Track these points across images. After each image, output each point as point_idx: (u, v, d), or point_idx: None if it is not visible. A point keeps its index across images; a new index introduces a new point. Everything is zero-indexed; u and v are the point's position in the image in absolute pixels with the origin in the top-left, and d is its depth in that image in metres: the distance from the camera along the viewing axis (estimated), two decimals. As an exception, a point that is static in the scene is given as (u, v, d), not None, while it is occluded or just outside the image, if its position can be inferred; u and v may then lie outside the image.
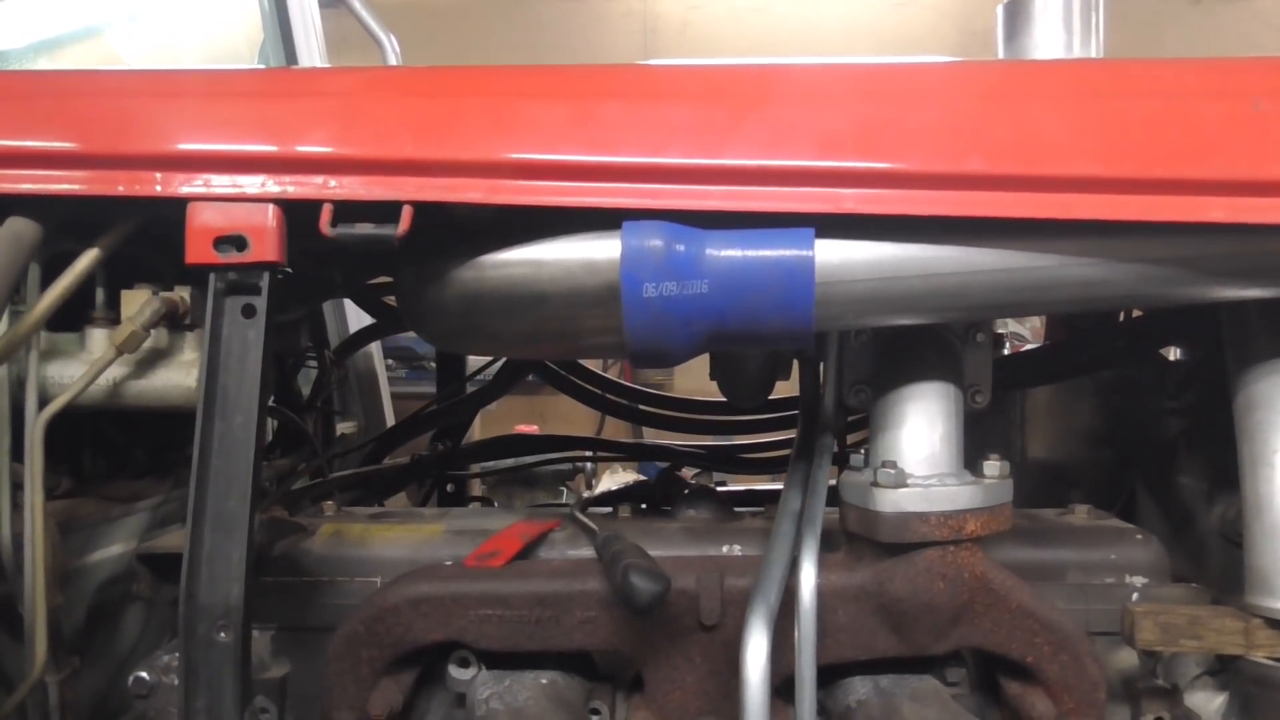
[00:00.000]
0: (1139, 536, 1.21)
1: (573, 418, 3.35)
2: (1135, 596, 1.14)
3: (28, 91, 1.05)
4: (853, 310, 0.96)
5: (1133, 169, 0.92)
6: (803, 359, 1.29)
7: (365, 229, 0.92)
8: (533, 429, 2.16)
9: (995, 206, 0.91)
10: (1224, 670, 1.09)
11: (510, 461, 1.92)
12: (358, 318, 2.24)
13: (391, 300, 1.71)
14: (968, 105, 0.95)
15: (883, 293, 0.95)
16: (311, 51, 2.40)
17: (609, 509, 1.35)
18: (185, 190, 0.94)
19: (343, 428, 1.96)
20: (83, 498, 1.30)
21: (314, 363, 1.71)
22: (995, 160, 0.92)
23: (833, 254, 0.94)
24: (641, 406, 1.82)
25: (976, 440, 1.14)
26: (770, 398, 1.47)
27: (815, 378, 1.23)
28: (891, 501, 1.01)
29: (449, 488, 1.84)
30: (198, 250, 0.93)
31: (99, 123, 0.99)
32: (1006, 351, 1.74)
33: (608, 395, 1.78)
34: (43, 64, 1.99)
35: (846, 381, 1.15)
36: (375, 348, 2.29)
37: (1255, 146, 0.91)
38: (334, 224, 0.92)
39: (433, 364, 5.70)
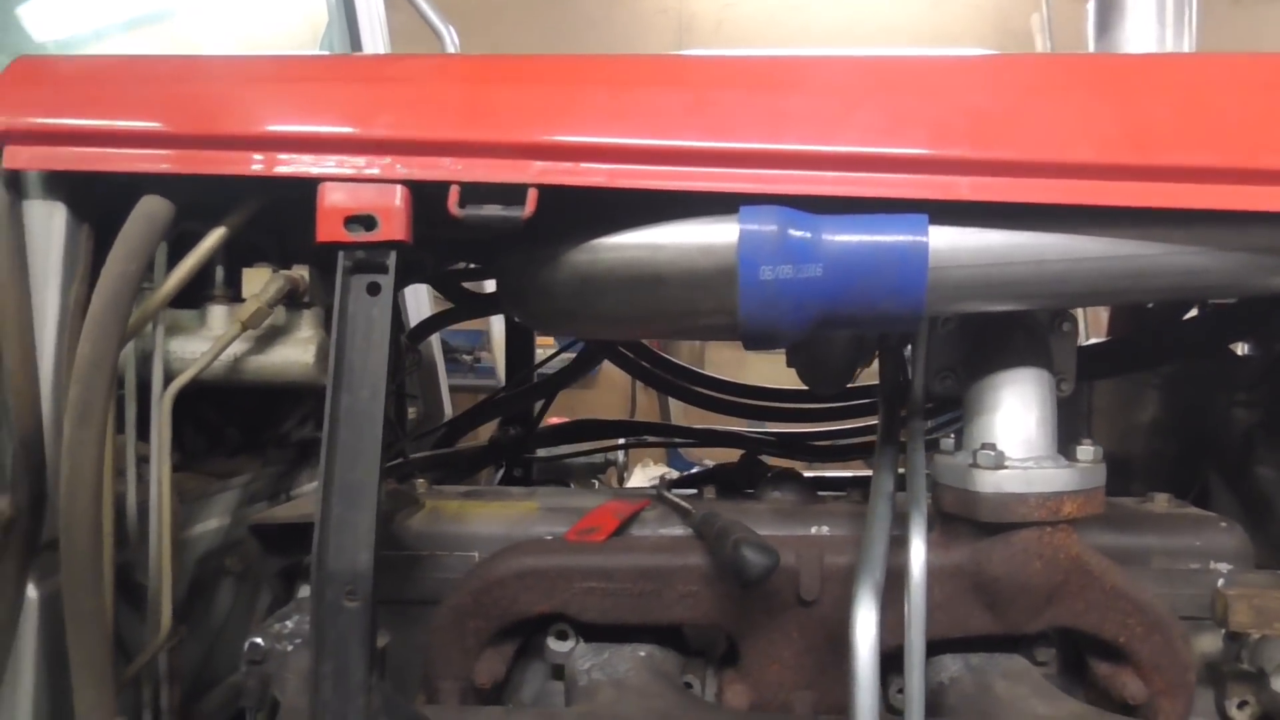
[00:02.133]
0: (1223, 524, 1.23)
1: (599, 410, 3.39)
2: (1221, 582, 1.16)
3: (150, 75, 1.09)
4: (961, 295, 0.99)
5: (1235, 159, 0.94)
6: (884, 347, 1.31)
7: (493, 210, 0.95)
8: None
9: (1103, 195, 0.93)
10: (1310, 655, 1.11)
11: (587, 445, 1.95)
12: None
13: (470, 286, 1.74)
14: (1075, 96, 0.97)
15: (991, 278, 0.97)
16: (376, 38, 2.43)
17: (693, 490, 1.38)
18: (316, 171, 0.97)
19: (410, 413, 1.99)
20: (183, 473, 1.34)
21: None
22: (1103, 150, 0.94)
23: (943, 240, 0.96)
24: (711, 393, 1.84)
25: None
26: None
27: (897, 365, 1.25)
28: (991, 482, 1.04)
29: (517, 472, 1.88)
30: (328, 229, 0.96)
31: (227, 105, 1.02)
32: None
33: (679, 382, 1.81)
34: (117, 48, 2.04)
35: (933, 368, 1.17)
36: (435, 338, 2.33)
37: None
38: (461, 205, 0.95)
39: (467, 357, 5.71)
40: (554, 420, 2.13)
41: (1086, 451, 1.09)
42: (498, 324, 3.98)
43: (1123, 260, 0.97)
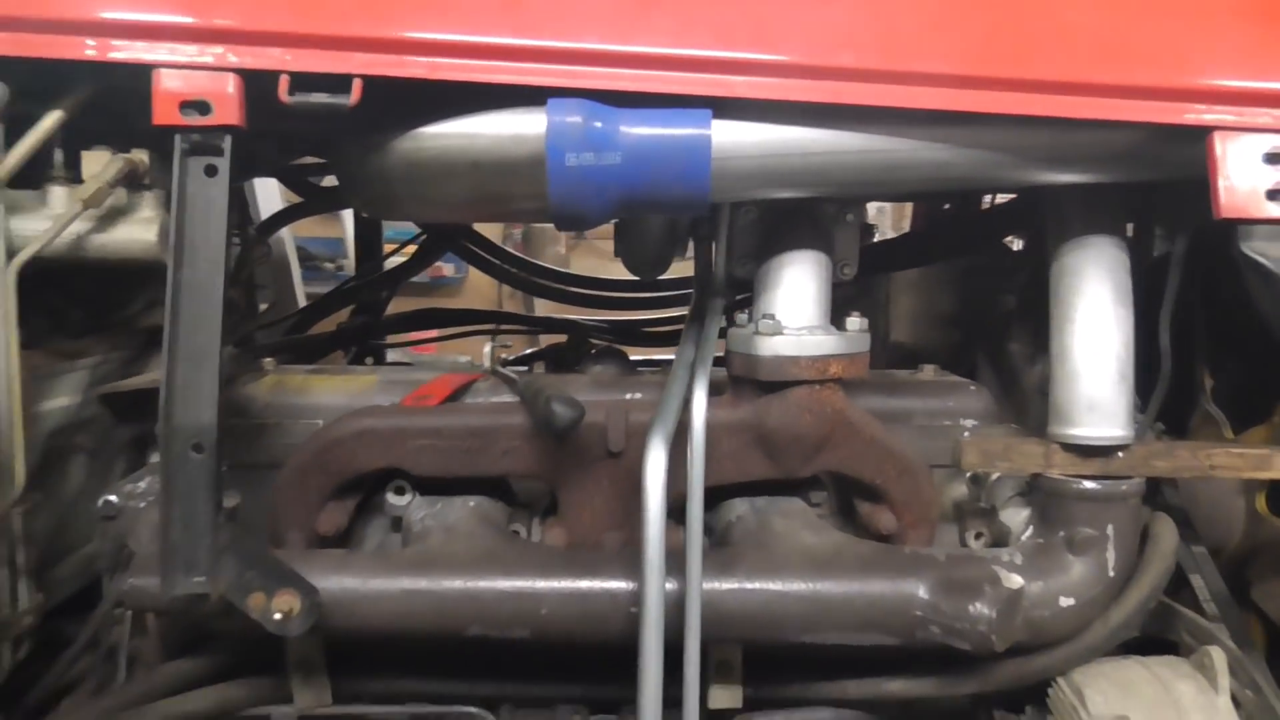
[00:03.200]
0: (972, 388, 1.44)
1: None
2: (965, 434, 1.37)
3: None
4: (742, 183, 1.13)
5: (971, 67, 1.10)
6: (697, 237, 1.46)
7: (320, 98, 1.04)
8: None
9: (859, 95, 1.09)
10: (1030, 491, 1.33)
11: (434, 333, 2.05)
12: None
13: (317, 181, 1.80)
14: (840, 5, 1.12)
15: (768, 169, 1.12)
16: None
17: (524, 367, 1.51)
18: (150, 58, 1.04)
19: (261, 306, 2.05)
20: (32, 350, 1.39)
21: (238, 239, 1.80)
22: (860, 55, 1.09)
23: (727, 134, 1.11)
24: (547, 282, 1.97)
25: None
26: (668, 277, 1.65)
27: (709, 255, 1.40)
28: (769, 347, 1.21)
29: (368, 360, 1.97)
30: (164, 113, 1.03)
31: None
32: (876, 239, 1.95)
33: (515, 271, 1.93)
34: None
35: (735, 255, 1.32)
36: (288, 236, 2.37)
37: (1068, 53, 1.10)
38: (291, 93, 1.04)
39: (329, 265, 5.67)
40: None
41: (854, 323, 1.27)
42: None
43: (879, 154, 1.13)
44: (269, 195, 2.35)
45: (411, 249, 1.95)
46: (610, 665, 1.19)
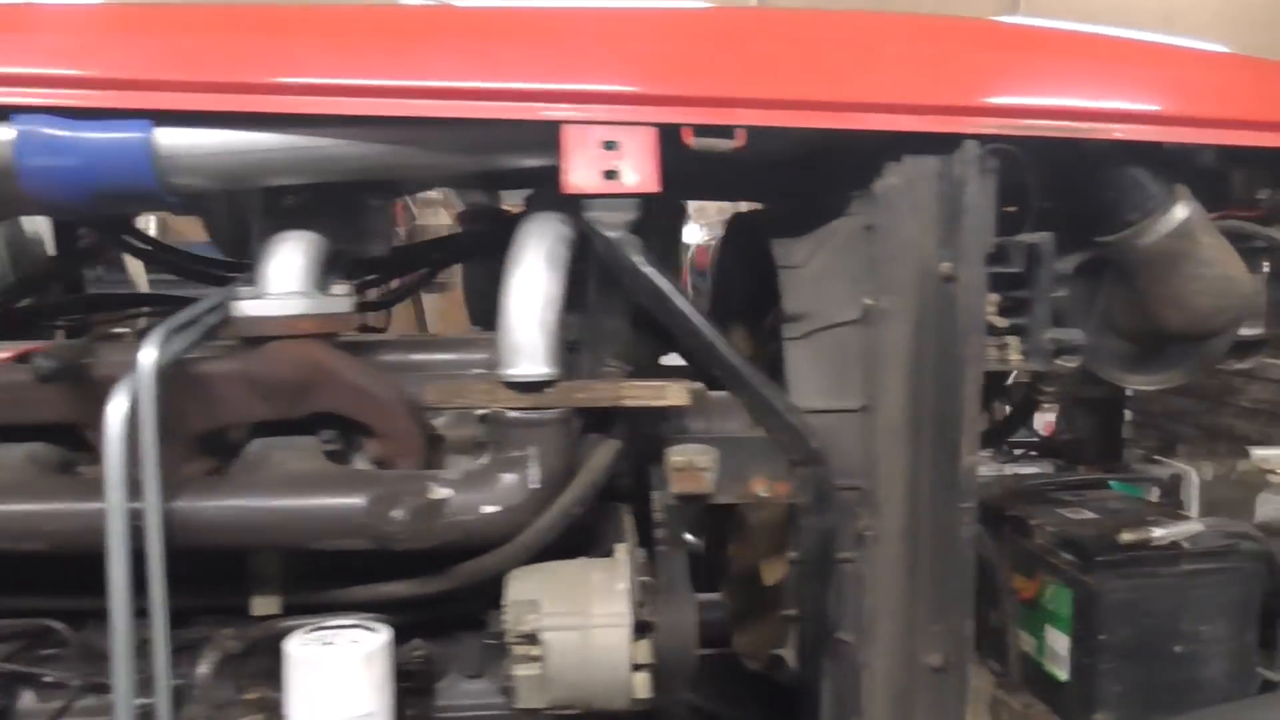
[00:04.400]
0: (483, 341, 1.73)
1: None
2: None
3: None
4: (194, 177, 1.41)
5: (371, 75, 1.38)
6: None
7: None
8: None
9: (276, 105, 1.36)
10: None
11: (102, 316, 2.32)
12: None
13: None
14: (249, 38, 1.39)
15: (210, 165, 1.40)
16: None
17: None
18: None
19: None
20: None
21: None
22: (259, 71, 1.36)
23: (175, 138, 1.38)
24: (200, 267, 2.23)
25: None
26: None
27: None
28: (249, 309, 1.48)
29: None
30: None
31: None
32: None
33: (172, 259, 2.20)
34: None
35: (255, 235, 1.60)
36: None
37: (456, 60, 1.38)
38: None
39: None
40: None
41: (339, 289, 1.55)
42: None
43: (304, 151, 1.40)
44: None
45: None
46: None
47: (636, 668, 1.46)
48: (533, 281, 1.50)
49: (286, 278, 1.52)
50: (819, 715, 1.52)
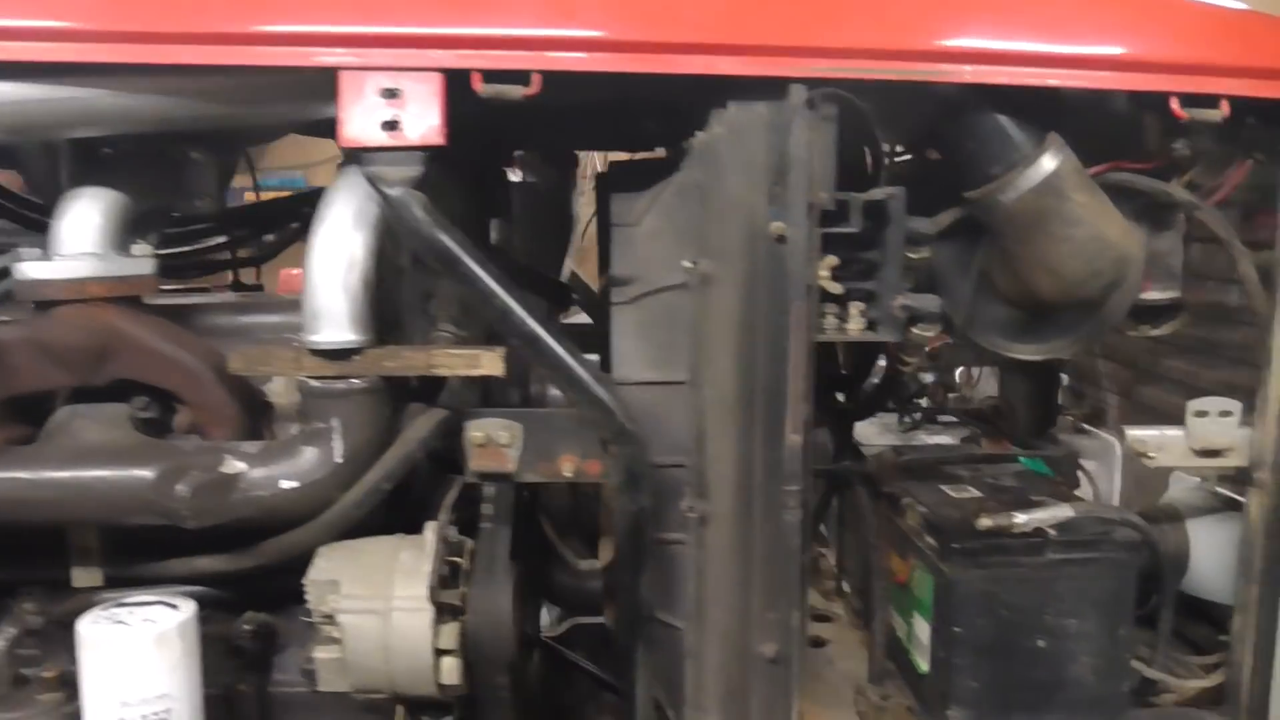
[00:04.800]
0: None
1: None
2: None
3: None
4: None
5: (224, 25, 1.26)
6: None
7: None
8: None
9: (39, 53, 1.26)
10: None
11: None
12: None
13: None
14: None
15: None
16: None
17: None
18: None
19: None
20: None
21: None
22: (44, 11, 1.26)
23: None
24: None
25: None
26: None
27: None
28: (30, 272, 1.40)
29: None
30: None
31: None
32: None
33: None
34: None
35: (63, 190, 1.50)
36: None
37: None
38: None
39: None
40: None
41: (139, 249, 1.46)
42: None
43: (68, 102, 1.30)
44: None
45: None
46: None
47: (441, 653, 1.38)
48: (337, 242, 1.38)
49: (79, 238, 1.43)
50: (634, 702, 1.42)
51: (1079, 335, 1.54)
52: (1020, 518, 1.41)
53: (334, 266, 1.39)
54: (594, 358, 1.39)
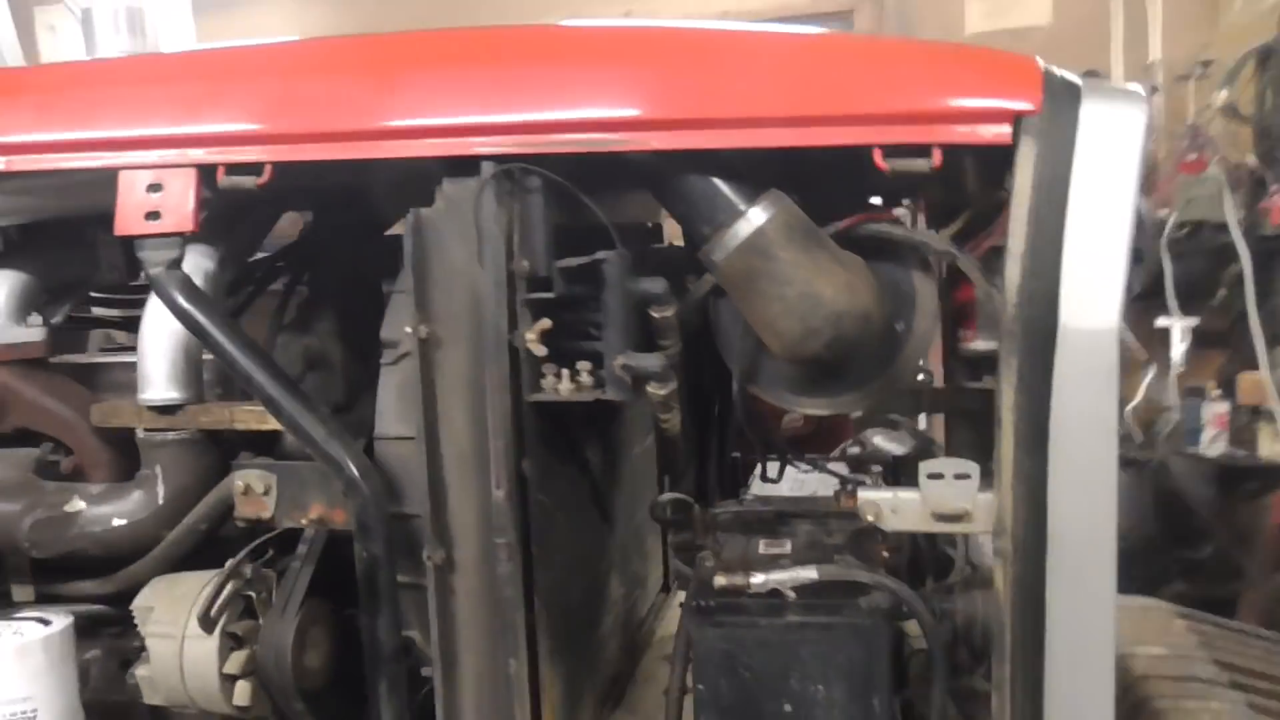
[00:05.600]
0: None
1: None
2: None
3: None
4: None
5: None
6: None
7: None
8: None
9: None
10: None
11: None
12: None
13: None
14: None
15: None
16: None
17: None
18: None
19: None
20: None
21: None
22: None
23: None
24: None
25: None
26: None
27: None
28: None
29: None
30: None
31: None
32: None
33: None
34: None
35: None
36: None
37: None
38: None
39: None
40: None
41: (33, 320, 1.75)
42: None
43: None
44: None
45: None
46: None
47: (229, 678, 1.55)
48: (162, 314, 1.60)
49: (-24, 308, 1.74)
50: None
51: (869, 390, 1.49)
52: (758, 578, 1.38)
53: (158, 336, 1.61)
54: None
